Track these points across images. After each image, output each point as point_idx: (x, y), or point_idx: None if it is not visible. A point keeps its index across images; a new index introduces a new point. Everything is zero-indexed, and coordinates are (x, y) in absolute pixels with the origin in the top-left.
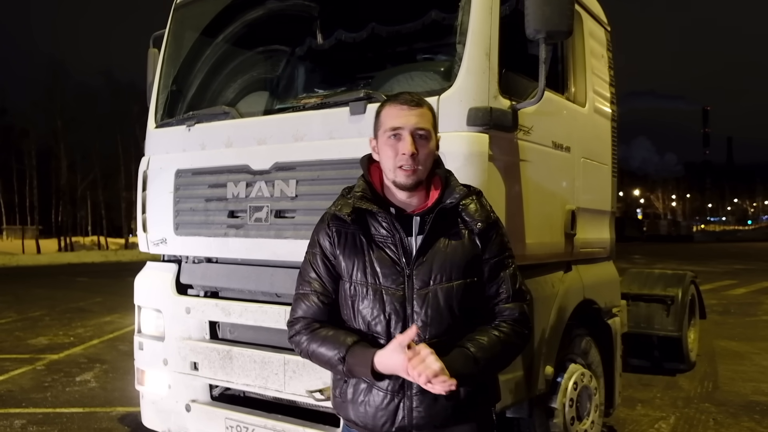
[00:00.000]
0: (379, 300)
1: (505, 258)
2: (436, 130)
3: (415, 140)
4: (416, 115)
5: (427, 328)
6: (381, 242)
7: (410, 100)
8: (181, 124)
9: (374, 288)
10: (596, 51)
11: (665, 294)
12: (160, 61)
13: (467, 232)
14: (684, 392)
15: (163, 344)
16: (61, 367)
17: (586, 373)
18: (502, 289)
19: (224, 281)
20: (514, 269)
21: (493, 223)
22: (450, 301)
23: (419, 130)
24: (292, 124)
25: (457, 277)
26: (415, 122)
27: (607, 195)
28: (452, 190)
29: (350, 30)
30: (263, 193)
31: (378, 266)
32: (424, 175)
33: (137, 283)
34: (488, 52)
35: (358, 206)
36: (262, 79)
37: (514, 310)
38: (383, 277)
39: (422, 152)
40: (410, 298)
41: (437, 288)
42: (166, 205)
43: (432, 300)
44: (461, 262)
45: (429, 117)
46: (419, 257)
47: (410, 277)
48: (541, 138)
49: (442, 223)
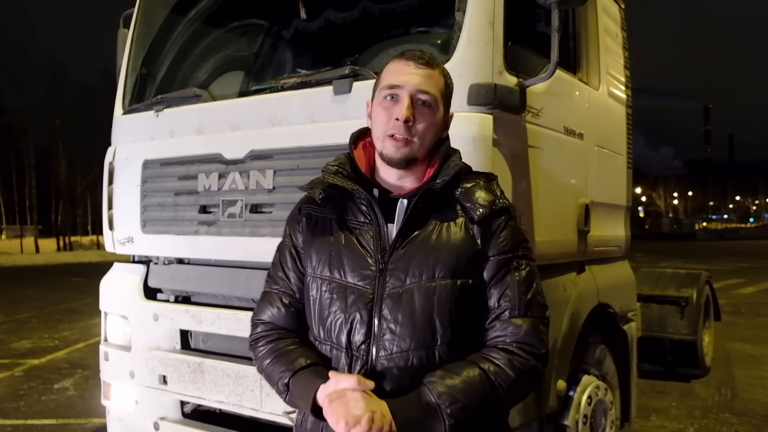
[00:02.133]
0: (342, 300)
1: (514, 257)
2: (446, 103)
3: (414, 105)
4: (422, 75)
5: (395, 340)
6: (356, 229)
7: (418, 57)
8: (149, 109)
9: (339, 285)
10: (610, 29)
11: (679, 295)
12: (129, 41)
13: (464, 220)
14: (701, 400)
15: (130, 355)
16: (41, 373)
17: (600, 386)
18: (505, 299)
19: (195, 285)
20: (527, 273)
21: (500, 210)
22: (429, 305)
23: (422, 93)
24: (268, 107)
25: (443, 275)
26: (417, 83)
27: (622, 188)
28: (447, 167)
29: (336, 1)
30: (237, 185)
31: (345, 258)
32: (421, 151)
33: (102, 287)
34: (492, 20)
35: (330, 182)
36: (238, 58)
37: (520, 328)
38: (350, 272)
39: (421, 122)
40: (379, 299)
41: (414, 287)
42: (133, 200)
43: (406, 303)
44: (451, 256)
45: (439, 82)
46: (396, 248)
47: (383, 273)
48: (552, 122)
49: (431, 207)
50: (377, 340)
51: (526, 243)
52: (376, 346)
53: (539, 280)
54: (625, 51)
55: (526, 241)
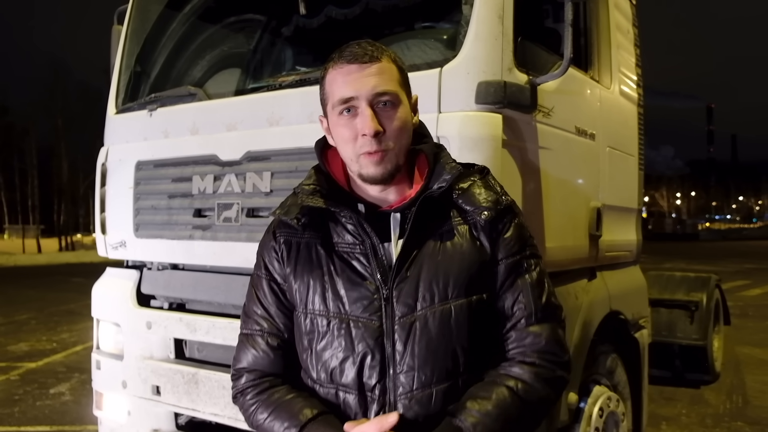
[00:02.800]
0: (346, 336)
1: (523, 258)
2: (407, 89)
3: (377, 112)
4: (373, 74)
5: (414, 375)
6: (346, 253)
7: (359, 55)
8: (143, 108)
9: (339, 319)
10: (622, 25)
11: (689, 299)
12: (123, 37)
13: (468, 227)
14: (712, 408)
15: (122, 364)
16: (37, 377)
17: (612, 397)
18: (519, 305)
19: (190, 292)
20: (538, 273)
21: (505, 210)
22: (448, 330)
23: (381, 95)
24: (266, 106)
25: (458, 295)
26: (372, 85)
27: (634, 190)
28: (442, 169)
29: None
30: (233, 188)
31: (343, 287)
32: (402, 156)
33: (94, 293)
34: (501, 13)
35: (308, 204)
36: (235, 55)
37: (539, 336)
38: (350, 303)
39: (391, 126)
40: (390, 331)
41: (427, 313)
42: (126, 202)
43: (421, 331)
44: (463, 272)
45: (393, 72)
46: (401, 270)
47: (389, 300)
48: (563, 122)
49: (430, 218)
50: (394, 377)
51: (531, 240)
52: (393, 384)
53: (549, 279)
54: (636, 48)
55: (532, 238)
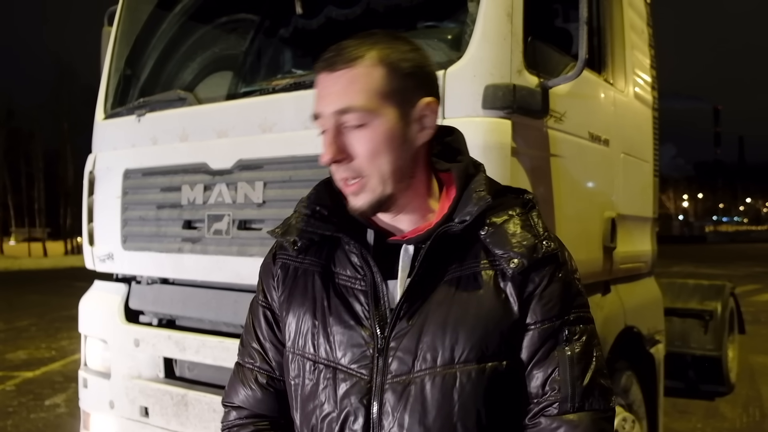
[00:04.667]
0: (331, 388)
1: (564, 324)
2: (398, 96)
3: (343, 134)
4: (339, 88)
5: None
6: (345, 287)
7: (330, 61)
8: (131, 113)
9: (325, 365)
10: (636, 25)
11: (702, 308)
12: (112, 39)
13: (493, 275)
14: (728, 422)
15: (110, 383)
16: (33, 387)
17: (628, 418)
18: (552, 386)
19: (179, 308)
20: (583, 345)
21: (544, 260)
22: (448, 403)
23: (343, 114)
24: (258, 112)
25: (467, 359)
26: (333, 104)
27: (649, 198)
28: (469, 198)
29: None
30: (224, 199)
31: (333, 329)
32: (391, 184)
33: (81, 307)
34: (510, 11)
35: (305, 228)
36: (227, 58)
37: (576, 428)
38: (340, 349)
39: (362, 148)
40: (380, 390)
41: (426, 376)
42: (113, 213)
43: (415, 398)
44: (477, 331)
45: (370, 79)
46: (401, 317)
47: (383, 353)
48: (576, 127)
49: (448, 257)
50: None
51: (581, 299)
52: None
53: (601, 352)
54: (651, 49)
55: (582, 296)
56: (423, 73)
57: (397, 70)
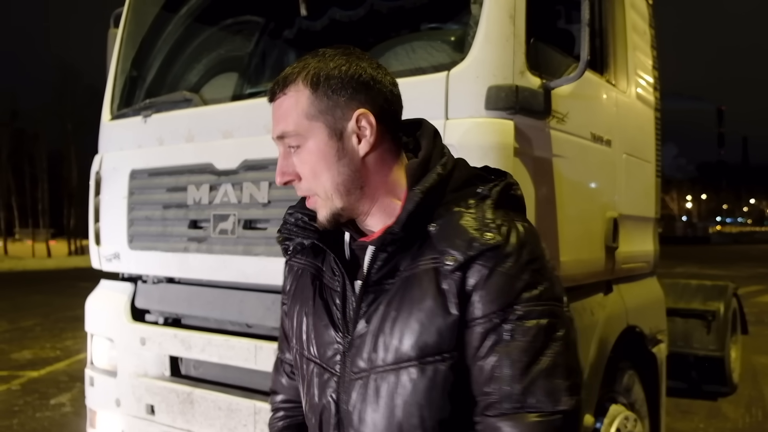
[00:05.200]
0: (312, 381)
1: (506, 320)
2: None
3: (288, 155)
4: (277, 114)
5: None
6: (328, 289)
7: (272, 90)
8: (138, 114)
9: (312, 361)
10: (638, 26)
11: (705, 309)
12: (118, 41)
13: (434, 272)
14: (730, 422)
15: (116, 381)
16: (39, 386)
17: (630, 416)
18: (491, 385)
19: (185, 307)
20: (528, 343)
21: (484, 254)
22: (390, 403)
23: (281, 138)
24: (263, 113)
25: (410, 357)
26: (274, 128)
27: (651, 198)
28: (410, 200)
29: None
30: (229, 199)
31: (314, 326)
32: (339, 198)
33: (88, 306)
34: (513, 13)
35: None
36: (233, 59)
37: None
38: (319, 346)
39: (303, 169)
40: (346, 386)
41: (372, 376)
42: (120, 213)
43: (371, 395)
44: (415, 328)
45: (296, 104)
46: (360, 317)
47: (349, 351)
48: (578, 128)
49: (399, 256)
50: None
51: (532, 293)
52: None
53: (560, 350)
54: (653, 50)
55: (534, 289)
56: (354, 85)
57: (323, 90)
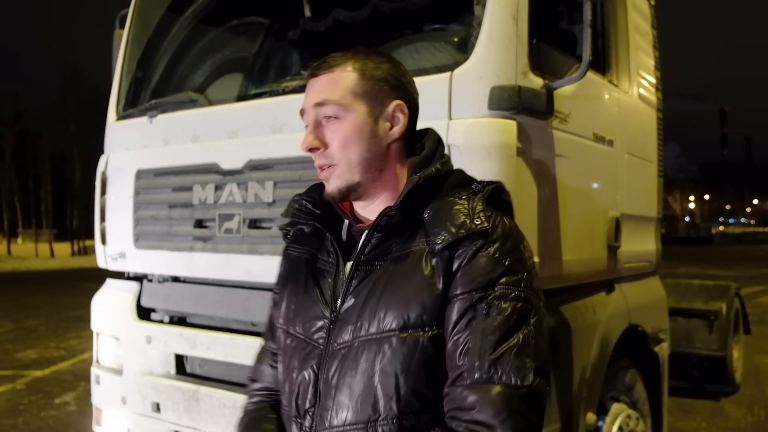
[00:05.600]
0: (294, 356)
1: (483, 298)
2: (371, 97)
3: (322, 126)
4: (318, 86)
5: (334, 412)
6: (321, 271)
7: (316, 67)
8: (143, 115)
9: (293, 337)
10: (640, 26)
11: (707, 308)
12: (124, 42)
13: (426, 251)
14: (733, 421)
15: (122, 379)
16: (43, 386)
17: (632, 414)
18: (463, 356)
19: (190, 305)
20: (503, 321)
21: (473, 236)
22: (370, 369)
23: (320, 106)
24: (268, 113)
25: (392, 328)
26: (312, 98)
27: (653, 198)
28: (408, 185)
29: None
30: (234, 198)
31: (304, 305)
32: (358, 173)
33: (94, 305)
34: (515, 14)
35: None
36: (237, 60)
37: (475, 402)
38: (303, 322)
39: (335, 138)
40: (326, 357)
41: (358, 344)
42: (126, 212)
43: (350, 363)
44: (400, 301)
45: (346, 80)
46: (347, 294)
47: (334, 324)
48: (580, 128)
49: (391, 240)
50: (320, 408)
51: (512, 278)
52: (320, 417)
53: (533, 333)
54: (655, 50)
55: (514, 275)
56: (395, 81)
57: (369, 76)
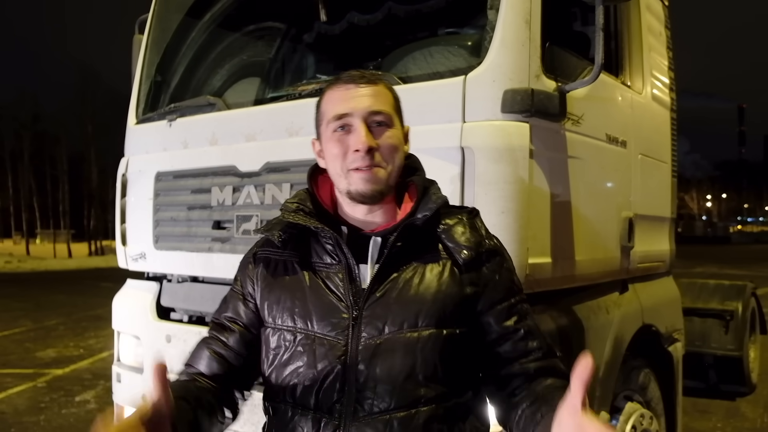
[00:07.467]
0: (309, 353)
1: (518, 302)
2: (400, 117)
3: (371, 130)
4: (369, 94)
5: (373, 400)
6: (322, 272)
7: (359, 77)
8: (163, 118)
9: (305, 335)
10: (654, 27)
11: (723, 308)
12: (143, 47)
13: (450, 263)
14: (749, 422)
15: (142, 377)
16: (63, 384)
17: (645, 414)
18: (534, 343)
19: (209, 305)
20: (531, 316)
21: (490, 253)
22: (411, 359)
23: (375, 114)
24: (285, 116)
25: (427, 324)
26: (368, 104)
27: (667, 198)
28: (428, 199)
29: (358, 2)
30: (252, 200)
31: (313, 305)
32: (393, 177)
33: (115, 305)
34: (528, 18)
35: (291, 221)
36: (255, 64)
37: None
38: (318, 320)
39: (385, 144)
40: (354, 353)
41: (393, 338)
42: (146, 214)
43: (385, 355)
44: (437, 304)
45: (388, 97)
46: (373, 292)
47: (357, 321)
48: (594, 130)
49: (410, 246)
50: (352, 400)
51: (521, 286)
52: (350, 408)
53: None
54: (669, 51)
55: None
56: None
57: (396, 98)
